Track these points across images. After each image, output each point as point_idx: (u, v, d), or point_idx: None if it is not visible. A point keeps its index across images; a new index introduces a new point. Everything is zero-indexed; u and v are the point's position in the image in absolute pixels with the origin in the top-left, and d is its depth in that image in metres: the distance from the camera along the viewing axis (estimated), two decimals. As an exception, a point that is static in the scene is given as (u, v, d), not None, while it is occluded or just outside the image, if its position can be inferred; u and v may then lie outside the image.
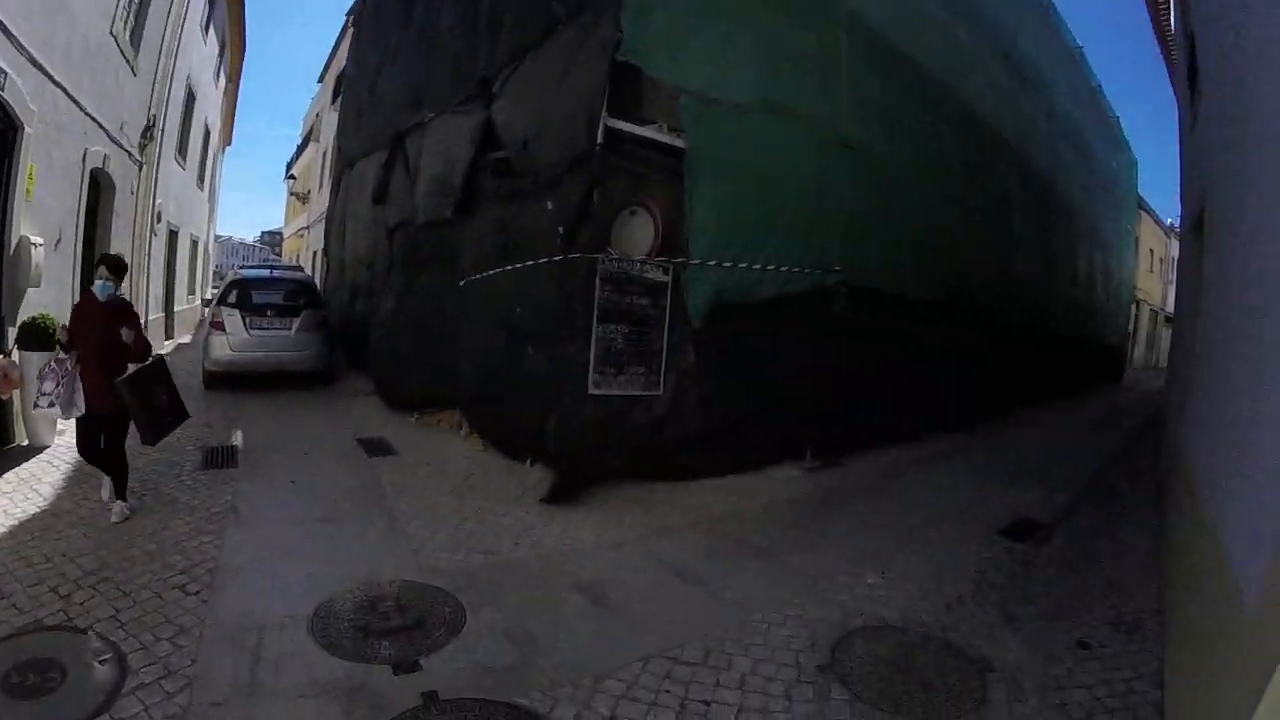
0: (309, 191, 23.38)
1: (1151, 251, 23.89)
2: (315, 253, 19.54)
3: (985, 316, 8.85)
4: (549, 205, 4.96)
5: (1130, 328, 20.98)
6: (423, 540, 3.86)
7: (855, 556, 4.00)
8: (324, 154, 19.66)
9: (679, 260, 4.93)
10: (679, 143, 4.89)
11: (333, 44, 20.53)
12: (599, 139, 4.56)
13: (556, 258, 4.77)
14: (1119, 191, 16.89)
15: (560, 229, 4.74)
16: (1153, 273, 24.43)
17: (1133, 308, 20.89)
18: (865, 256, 6.29)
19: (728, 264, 5.10)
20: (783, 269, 5.49)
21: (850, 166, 6.11)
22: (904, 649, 2.98)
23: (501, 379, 5.45)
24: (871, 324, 6.40)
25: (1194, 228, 6.27)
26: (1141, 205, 20.79)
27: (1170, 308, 26.91)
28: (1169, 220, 23.28)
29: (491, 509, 4.39)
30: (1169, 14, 9.34)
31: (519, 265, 5.24)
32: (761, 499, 4.95)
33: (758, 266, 5.31)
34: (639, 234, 5.18)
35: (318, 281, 12.48)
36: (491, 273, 5.68)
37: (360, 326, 9.12)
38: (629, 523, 4.31)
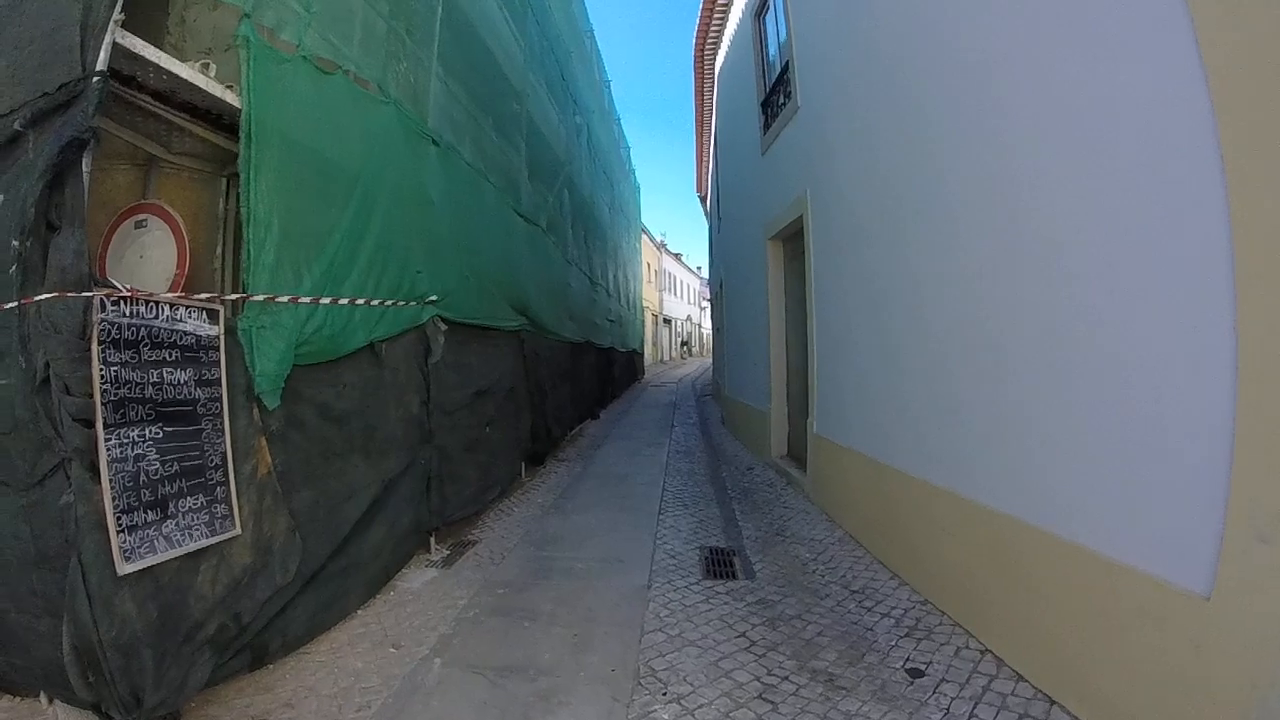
0: None
1: (649, 265, 28.72)
2: None
3: (553, 338, 8.66)
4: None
5: (642, 332, 24.75)
6: None
7: (611, 685, 2.91)
8: None
9: (236, 297, 2.96)
10: (231, 99, 2.89)
11: None
12: (102, 63, 2.34)
13: (10, 304, 2.36)
14: (629, 213, 19.47)
15: (15, 243, 2.34)
16: (650, 283, 29.43)
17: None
18: (456, 282, 5.09)
19: (306, 300, 3.26)
20: (374, 303, 3.88)
21: (438, 170, 4.83)
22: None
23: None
24: (463, 361, 5.26)
25: (789, 238, 7.15)
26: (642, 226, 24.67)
27: (666, 312, 33.07)
28: (659, 237, 28.48)
29: None
30: (714, 58, 10.83)
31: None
32: (424, 639, 3.33)
33: (345, 302, 3.57)
34: (153, 261, 3.04)
35: None
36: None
37: None
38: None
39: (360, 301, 3.68)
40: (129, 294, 2.54)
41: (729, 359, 11.76)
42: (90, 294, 2.39)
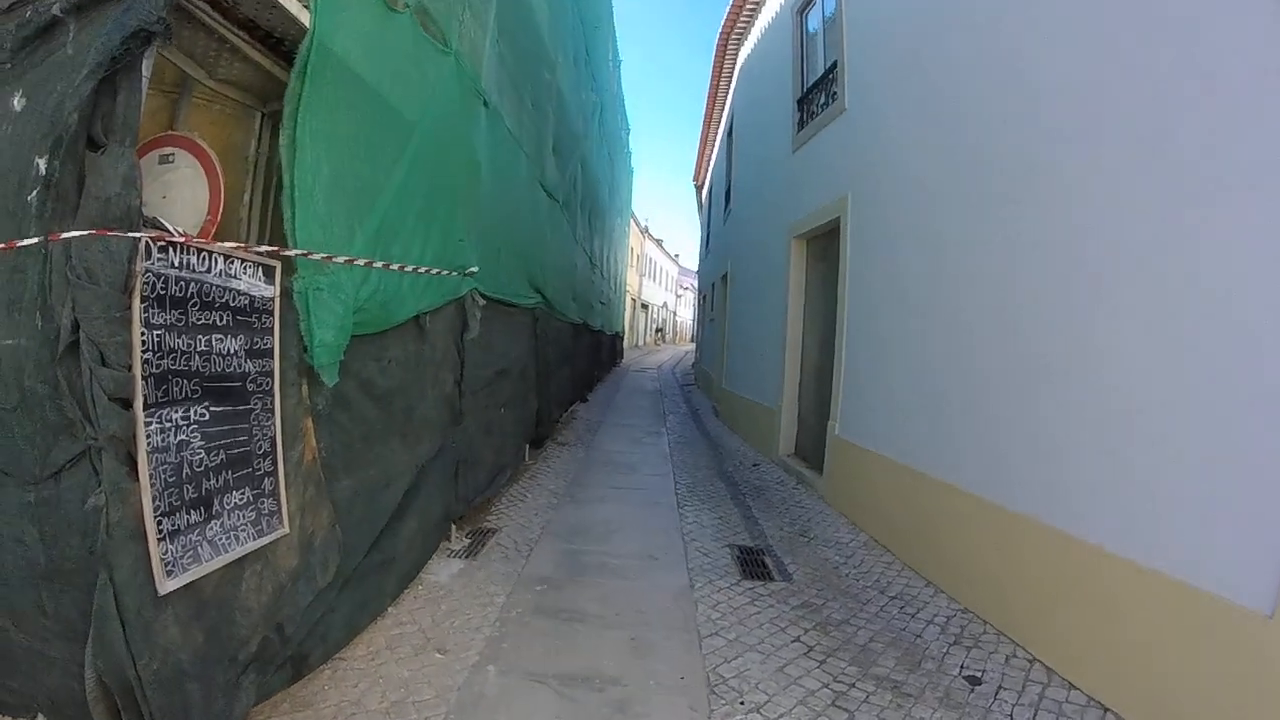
0: None
1: (632, 249, 28.35)
2: None
3: (560, 319, 8.38)
4: (18, 102, 1.95)
5: (624, 316, 24.48)
6: None
7: (686, 695, 2.74)
8: None
9: (296, 253, 2.56)
10: (306, 21, 2.41)
11: None
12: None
13: (29, 240, 1.87)
14: (622, 196, 19.12)
15: (41, 161, 1.87)
16: (632, 267, 29.09)
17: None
18: (490, 254, 4.75)
19: (361, 261, 2.84)
20: (423, 270, 3.50)
21: (485, 133, 4.46)
22: None
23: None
24: (488, 338, 4.88)
25: (816, 238, 7.03)
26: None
27: (645, 297, 32.78)
28: (643, 222, 28.18)
29: None
30: (737, 51, 10.45)
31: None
32: (470, 643, 3.04)
33: (395, 267, 3.17)
34: (179, 202, 2.67)
35: None
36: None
37: None
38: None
39: (410, 268, 3.35)
40: (182, 240, 2.12)
41: (730, 352, 11.57)
42: (135, 235, 1.91)
